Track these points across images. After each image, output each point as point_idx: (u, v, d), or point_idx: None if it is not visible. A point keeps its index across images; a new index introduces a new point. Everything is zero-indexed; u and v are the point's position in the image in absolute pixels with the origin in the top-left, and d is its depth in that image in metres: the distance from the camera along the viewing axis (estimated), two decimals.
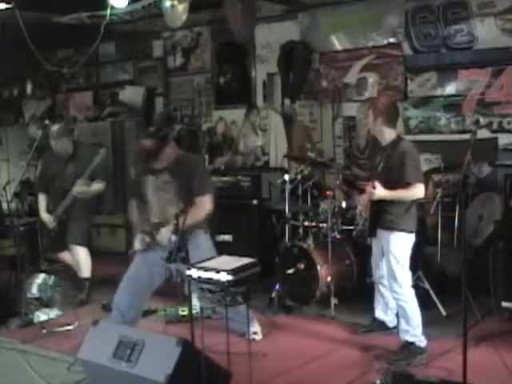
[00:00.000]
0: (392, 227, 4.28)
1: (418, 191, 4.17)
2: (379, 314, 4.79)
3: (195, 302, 4.64)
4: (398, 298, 4.30)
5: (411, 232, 4.31)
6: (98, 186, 5.84)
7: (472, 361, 3.36)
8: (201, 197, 4.32)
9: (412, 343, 4.23)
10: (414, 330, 4.24)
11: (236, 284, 3.36)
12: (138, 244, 4.49)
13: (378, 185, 4.14)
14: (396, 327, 4.58)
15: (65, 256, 6.05)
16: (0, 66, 7.78)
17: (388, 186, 4.19)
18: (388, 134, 4.35)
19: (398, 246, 4.28)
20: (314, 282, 5.30)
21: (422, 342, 4.25)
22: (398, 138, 4.38)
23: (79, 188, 5.69)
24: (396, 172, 4.20)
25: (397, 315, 4.57)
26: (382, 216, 4.32)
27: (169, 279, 4.59)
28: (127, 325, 4.28)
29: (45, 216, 5.93)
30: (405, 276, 4.29)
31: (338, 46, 7.30)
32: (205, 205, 4.34)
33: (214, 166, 7.14)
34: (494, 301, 4.86)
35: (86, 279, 5.90)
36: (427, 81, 6.69)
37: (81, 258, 5.88)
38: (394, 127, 4.39)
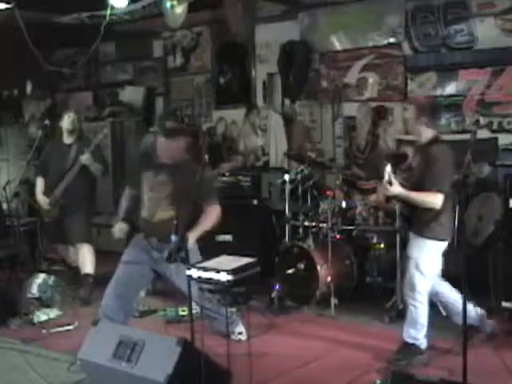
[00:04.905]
0: (418, 233, 4.19)
1: (434, 200, 4.00)
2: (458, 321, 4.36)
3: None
4: (409, 302, 4.23)
5: (437, 239, 4.14)
6: (98, 166, 5.95)
7: (472, 361, 3.36)
8: (212, 206, 4.35)
9: (412, 344, 4.21)
10: (417, 334, 4.21)
11: (236, 284, 3.36)
12: (117, 232, 4.52)
13: (395, 182, 4.03)
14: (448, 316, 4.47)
15: (69, 252, 6.14)
16: (0, 66, 7.77)
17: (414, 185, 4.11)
18: (425, 134, 4.21)
19: (420, 252, 4.16)
20: (314, 282, 5.30)
21: (422, 343, 4.23)
22: (435, 139, 4.21)
23: (86, 156, 5.80)
24: (420, 174, 4.12)
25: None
26: (411, 219, 4.25)
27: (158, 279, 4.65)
28: None
29: (41, 198, 6.03)
30: (421, 282, 4.16)
31: (338, 46, 7.29)
32: (216, 214, 4.37)
33: (218, 171, 7.10)
34: (494, 301, 4.86)
35: (90, 276, 5.92)
36: (427, 81, 6.69)
37: (86, 255, 5.97)
38: (432, 127, 4.26)
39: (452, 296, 4.38)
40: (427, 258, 4.17)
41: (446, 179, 3.99)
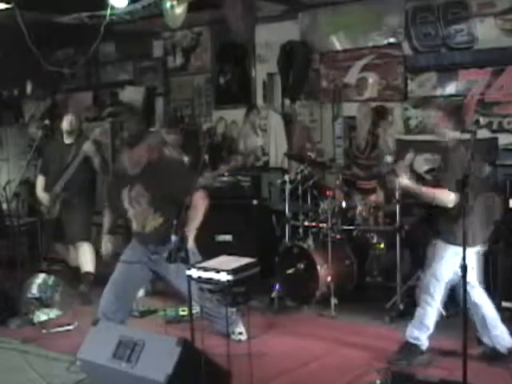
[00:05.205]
0: (436, 235, 4.16)
1: (446, 198, 3.95)
2: (486, 339, 4.25)
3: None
4: (419, 302, 4.23)
5: (453, 244, 4.02)
6: (100, 160, 5.98)
7: (472, 361, 3.36)
8: (195, 195, 4.29)
9: (414, 344, 4.20)
10: (420, 335, 4.19)
11: (236, 284, 3.36)
12: (105, 250, 4.64)
13: (403, 174, 4.01)
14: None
15: (68, 253, 6.15)
16: (0, 66, 7.78)
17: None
18: (449, 137, 4.17)
19: (436, 255, 4.12)
20: (314, 282, 5.30)
21: (424, 345, 4.22)
22: (458, 142, 4.16)
23: (88, 144, 5.87)
24: (439, 173, 4.10)
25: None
26: (432, 221, 4.22)
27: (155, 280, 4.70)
28: None
29: (41, 195, 6.10)
30: (434, 286, 4.11)
31: (338, 46, 7.29)
32: (202, 201, 4.33)
33: (217, 172, 7.10)
34: (494, 301, 4.85)
35: (91, 274, 5.94)
36: (427, 81, 6.69)
37: (87, 254, 5.99)
38: (458, 130, 4.22)
39: (489, 312, 4.20)
40: (442, 262, 4.09)
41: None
